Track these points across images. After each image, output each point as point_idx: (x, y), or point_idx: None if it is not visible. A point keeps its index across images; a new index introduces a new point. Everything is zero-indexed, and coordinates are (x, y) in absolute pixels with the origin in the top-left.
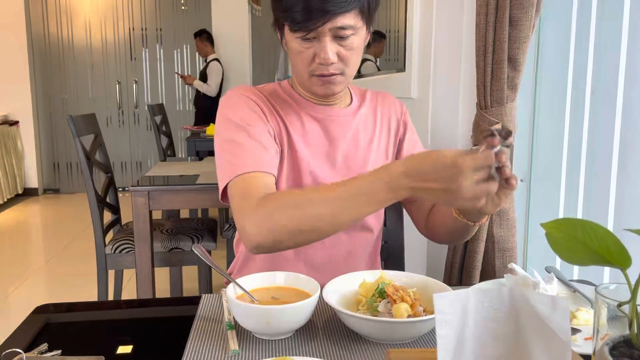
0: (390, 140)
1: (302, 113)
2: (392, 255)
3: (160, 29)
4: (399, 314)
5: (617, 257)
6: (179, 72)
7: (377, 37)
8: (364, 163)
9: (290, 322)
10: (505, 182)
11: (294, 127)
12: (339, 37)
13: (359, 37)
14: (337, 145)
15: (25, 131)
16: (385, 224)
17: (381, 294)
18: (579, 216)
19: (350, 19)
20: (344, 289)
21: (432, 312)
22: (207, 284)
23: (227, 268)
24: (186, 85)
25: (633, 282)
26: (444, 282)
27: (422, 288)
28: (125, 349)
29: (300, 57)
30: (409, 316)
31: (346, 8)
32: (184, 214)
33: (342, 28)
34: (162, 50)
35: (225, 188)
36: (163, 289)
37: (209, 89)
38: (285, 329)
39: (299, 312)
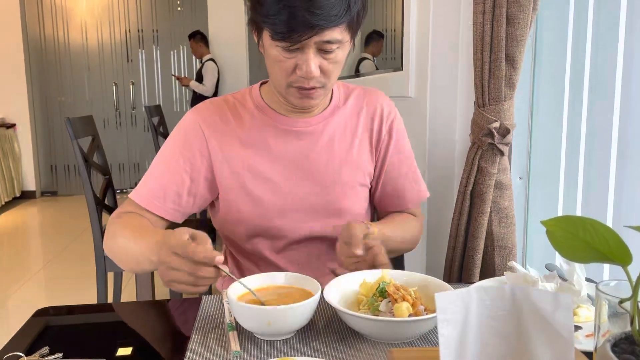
0: (372, 144)
1: (268, 127)
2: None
3: (157, 30)
4: (400, 313)
5: (618, 254)
6: (175, 74)
7: (376, 37)
8: (339, 168)
9: (291, 323)
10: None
11: (254, 145)
12: (323, 51)
13: (343, 51)
14: (307, 157)
15: (22, 134)
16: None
17: (382, 293)
18: (578, 213)
19: (337, 33)
20: (344, 289)
21: (433, 311)
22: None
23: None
24: (183, 87)
25: (634, 279)
26: (444, 280)
27: (422, 287)
28: (125, 351)
29: (279, 67)
30: (410, 315)
31: (335, 22)
32: None
33: (329, 42)
34: (158, 51)
35: None
36: (163, 291)
37: (205, 89)
38: (286, 330)
39: (300, 312)
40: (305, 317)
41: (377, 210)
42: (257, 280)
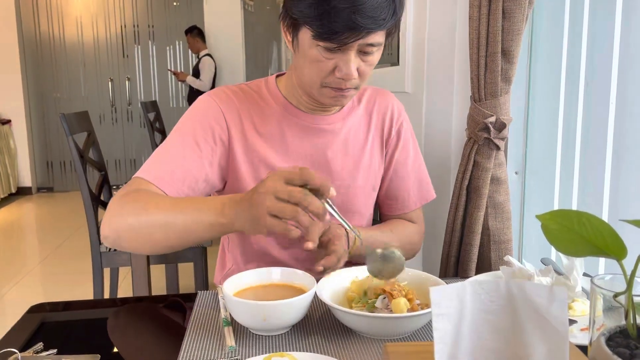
0: (382, 144)
1: (286, 122)
2: None
3: (152, 26)
4: (398, 309)
5: (613, 248)
6: (172, 69)
7: None
8: (354, 171)
9: (286, 318)
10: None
11: (271, 136)
12: (363, 53)
13: (379, 53)
14: (324, 155)
15: (17, 130)
16: (380, 219)
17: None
18: (574, 207)
19: (380, 36)
20: (335, 286)
21: (428, 306)
22: (203, 281)
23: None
24: (179, 82)
25: (629, 273)
26: (440, 275)
27: (414, 282)
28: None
29: (317, 67)
30: (407, 310)
31: (382, 26)
32: None
33: (372, 45)
34: (154, 47)
35: None
36: (159, 287)
37: (202, 84)
38: (281, 325)
39: (295, 307)
40: (300, 313)
41: (379, 213)
42: (253, 276)
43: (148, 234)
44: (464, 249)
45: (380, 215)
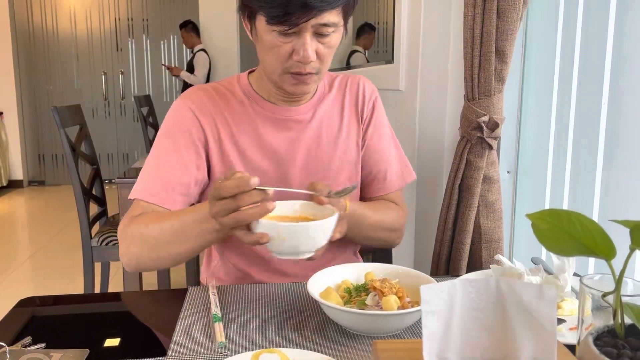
0: (359, 124)
1: (259, 117)
2: (379, 248)
3: (147, 19)
4: (388, 306)
5: (602, 248)
6: (166, 64)
7: (368, 29)
8: (330, 159)
9: (305, 241)
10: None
11: (245, 134)
12: (319, 34)
13: (338, 35)
14: (298, 146)
15: (9, 122)
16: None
17: (363, 288)
18: (565, 207)
19: (334, 16)
20: (326, 283)
21: (418, 303)
22: (194, 277)
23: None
24: (173, 77)
25: (617, 273)
26: (431, 273)
27: (405, 280)
28: (112, 342)
29: (274, 52)
30: (398, 308)
31: (333, 5)
32: None
33: (326, 25)
34: (148, 40)
35: None
36: (150, 282)
37: (196, 79)
38: (301, 249)
39: (321, 229)
40: (318, 239)
41: (360, 197)
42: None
43: (165, 251)
44: (455, 247)
45: (361, 200)
